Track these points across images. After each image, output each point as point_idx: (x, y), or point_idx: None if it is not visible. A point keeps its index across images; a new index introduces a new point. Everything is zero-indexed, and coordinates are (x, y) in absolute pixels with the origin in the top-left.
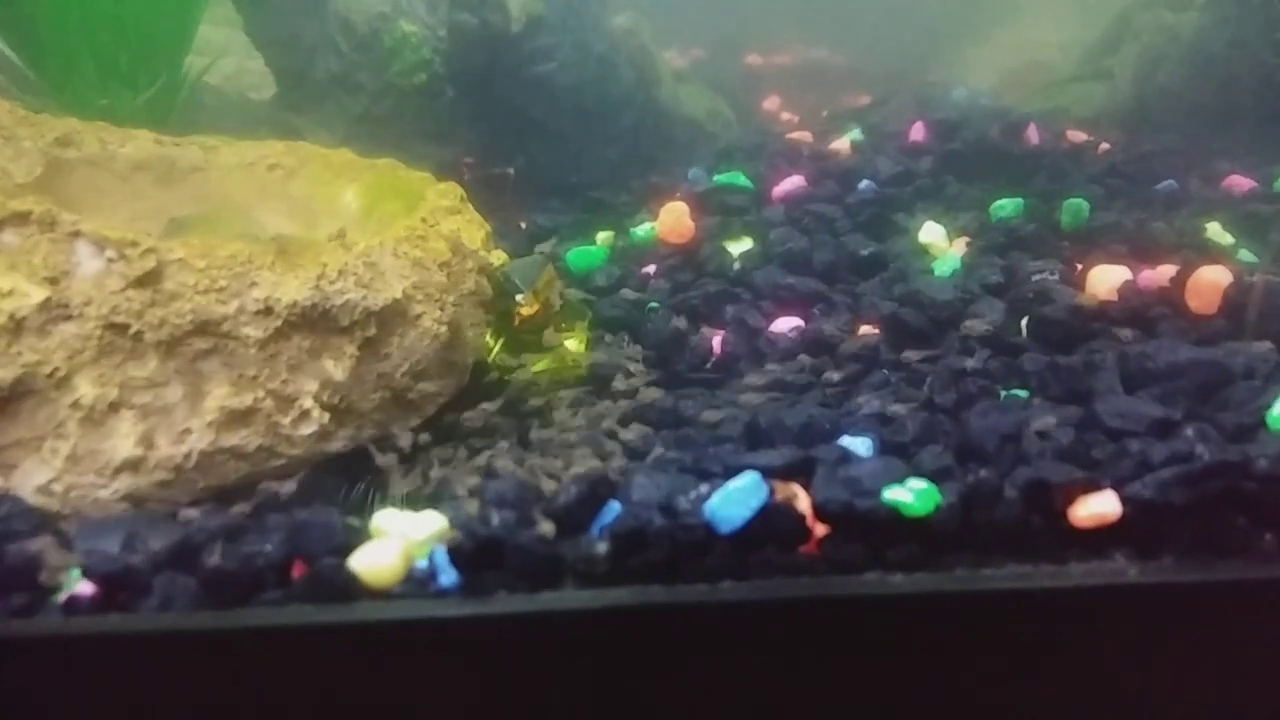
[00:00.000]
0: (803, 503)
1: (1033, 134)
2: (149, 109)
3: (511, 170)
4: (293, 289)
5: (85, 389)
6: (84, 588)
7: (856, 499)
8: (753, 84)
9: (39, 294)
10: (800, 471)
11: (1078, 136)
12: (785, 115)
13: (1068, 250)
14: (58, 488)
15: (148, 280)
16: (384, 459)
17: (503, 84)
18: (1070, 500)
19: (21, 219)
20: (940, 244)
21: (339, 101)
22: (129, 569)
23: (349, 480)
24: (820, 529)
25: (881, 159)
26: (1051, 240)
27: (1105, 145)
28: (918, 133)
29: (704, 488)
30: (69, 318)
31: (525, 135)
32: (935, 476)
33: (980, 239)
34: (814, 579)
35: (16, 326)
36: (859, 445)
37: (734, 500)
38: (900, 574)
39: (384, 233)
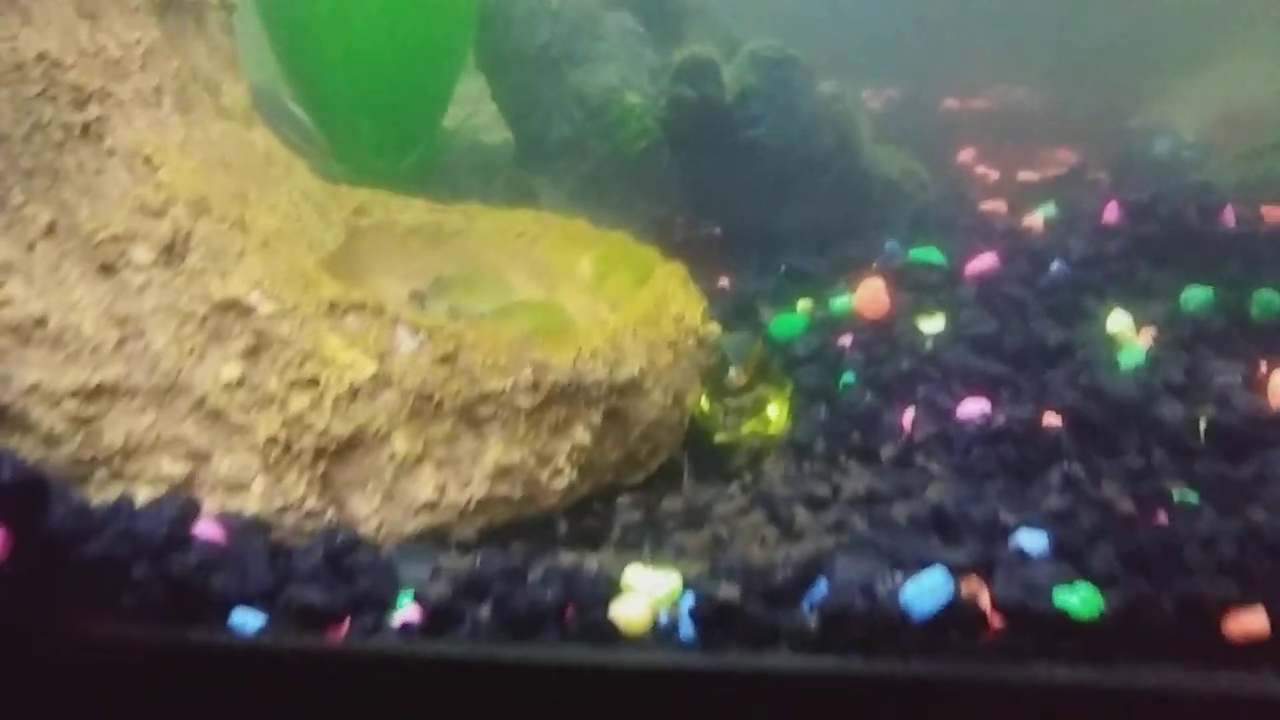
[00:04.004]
0: (984, 597)
1: (1229, 216)
2: (413, 168)
3: (718, 229)
4: (555, 369)
5: (399, 444)
6: (411, 613)
7: (1030, 599)
8: (949, 129)
9: (371, 368)
10: (982, 567)
11: (1276, 214)
12: (980, 169)
13: (1253, 348)
14: (374, 521)
15: (448, 359)
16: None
17: (713, 148)
18: (1223, 614)
19: (359, 307)
20: (1126, 333)
21: (569, 163)
22: (449, 602)
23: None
24: (997, 619)
25: (1074, 239)
26: (1238, 336)
27: None
28: (1111, 213)
29: (899, 576)
30: (390, 386)
31: (731, 196)
32: (1102, 582)
33: (1167, 332)
34: (989, 664)
35: (353, 393)
36: (1035, 539)
37: (925, 593)
38: (1065, 665)
39: (625, 315)
